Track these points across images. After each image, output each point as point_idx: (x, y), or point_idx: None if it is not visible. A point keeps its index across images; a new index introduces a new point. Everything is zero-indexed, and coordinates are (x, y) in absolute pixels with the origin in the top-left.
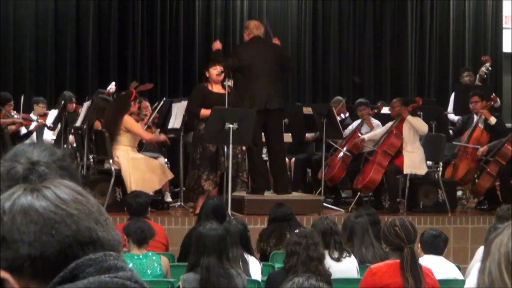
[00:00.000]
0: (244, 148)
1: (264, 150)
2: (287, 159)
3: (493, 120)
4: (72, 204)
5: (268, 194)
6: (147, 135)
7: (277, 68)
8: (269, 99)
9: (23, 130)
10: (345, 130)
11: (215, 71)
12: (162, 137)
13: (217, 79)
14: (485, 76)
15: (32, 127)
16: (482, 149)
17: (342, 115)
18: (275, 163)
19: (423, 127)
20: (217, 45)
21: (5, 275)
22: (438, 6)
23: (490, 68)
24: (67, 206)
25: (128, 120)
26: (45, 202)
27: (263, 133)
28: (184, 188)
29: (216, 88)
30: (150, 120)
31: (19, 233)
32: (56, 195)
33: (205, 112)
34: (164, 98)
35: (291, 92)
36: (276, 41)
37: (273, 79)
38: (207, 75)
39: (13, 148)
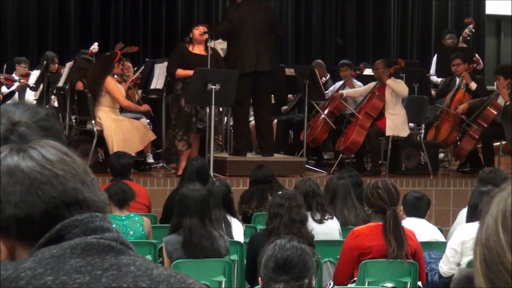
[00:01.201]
0: (221, 109)
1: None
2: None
3: (473, 85)
4: (58, 164)
5: (250, 156)
6: (124, 101)
7: (267, 30)
8: (260, 61)
9: (4, 90)
10: (327, 92)
11: (197, 31)
12: (145, 107)
13: (199, 40)
14: (468, 38)
15: (14, 87)
16: (462, 106)
17: (324, 78)
18: (262, 125)
19: (403, 90)
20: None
21: None
22: None
23: (473, 30)
24: (53, 166)
25: (110, 82)
26: (31, 163)
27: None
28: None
29: (198, 49)
30: (132, 81)
31: (5, 193)
32: (42, 156)
33: (181, 72)
34: (147, 59)
35: (273, 53)
36: None
37: (263, 41)
38: (191, 36)
39: None
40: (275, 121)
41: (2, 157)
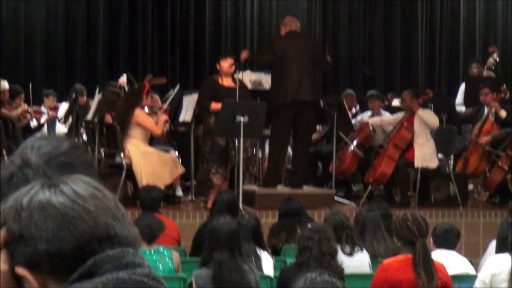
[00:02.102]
0: (253, 141)
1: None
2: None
3: (503, 113)
4: (90, 199)
5: (280, 188)
6: (158, 130)
7: (312, 62)
8: (302, 90)
9: (34, 123)
10: (354, 122)
11: (225, 63)
12: (164, 117)
13: (227, 72)
14: (493, 67)
15: (42, 120)
16: (485, 138)
17: (353, 109)
18: (298, 157)
19: (434, 121)
20: (245, 54)
21: (23, 272)
22: None
23: (497, 59)
24: (85, 201)
25: (139, 114)
26: (63, 198)
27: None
28: (194, 182)
29: (227, 81)
30: (160, 112)
31: (37, 229)
32: (73, 191)
33: (215, 105)
34: (175, 91)
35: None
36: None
37: (307, 72)
38: (218, 68)
39: (26, 140)
40: None
41: (34, 193)
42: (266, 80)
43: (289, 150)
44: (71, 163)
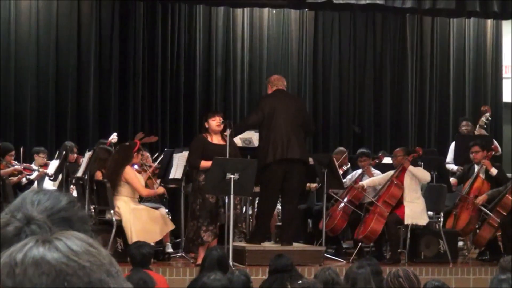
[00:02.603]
0: (242, 198)
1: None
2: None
3: (494, 171)
4: (84, 255)
5: (268, 245)
6: (144, 191)
7: (299, 120)
8: (290, 147)
9: (24, 181)
10: (345, 180)
11: (214, 122)
12: (160, 190)
13: (216, 130)
14: (485, 126)
15: (33, 176)
16: (482, 198)
17: (344, 167)
18: (287, 214)
19: (425, 175)
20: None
21: None
22: (438, 55)
23: (490, 118)
24: (79, 258)
25: (129, 172)
26: (57, 254)
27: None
28: (184, 239)
29: (216, 139)
30: (150, 170)
31: (31, 285)
32: (67, 247)
33: (205, 163)
34: (165, 149)
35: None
36: None
37: (294, 130)
38: (206, 126)
39: (21, 195)
40: None
41: (28, 249)
42: (256, 138)
43: (278, 206)
44: (70, 218)
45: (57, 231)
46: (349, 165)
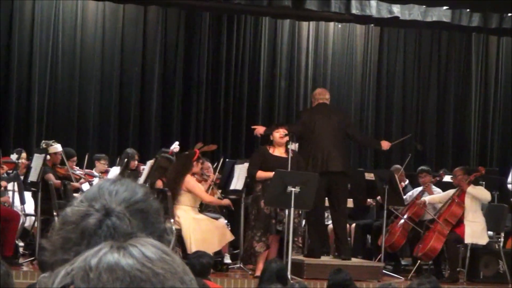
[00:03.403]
0: (300, 212)
1: (326, 214)
2: (347, 225)
3: None
4: (158, 263)
5: (328, 259)
6: (207, 197)
7: (342, 133)
8: (331, 161)
9: (86, 187)
10: (405, 197)
11: (277, 133)
12: (226, 201)
13: (280, 142)
14: None
15: (94, 183)
16: None
17: (403, 183)
18: (337, 228)
19: (486, 196)
20: (261, 130)
21: None
22: (503, 75)
23: None
24: (153, 265)
25: (190, 181)
26: (132, 260)
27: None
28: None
29: (278, 152)
30: (210, 180)
31: None
32: (142, 254)
33: (262, 174)
34: (227, 160)
35: (353, 157)
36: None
37: (336, 143)
38: (271, 138)
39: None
40: (354, 225)
41: (102, 254)
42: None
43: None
44: (146, 210)
45: (135, 223)
46: (407, 182)
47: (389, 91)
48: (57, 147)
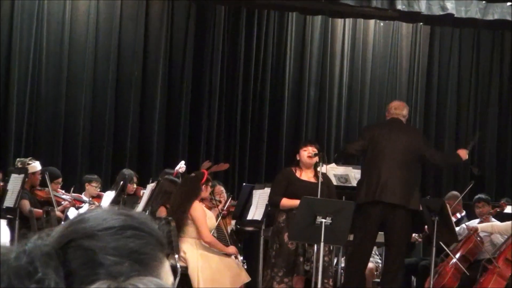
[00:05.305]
0: (331, 248)
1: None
2: None
3: None
4: None
5: None
6: (208, 236)
7: (411, 159)
8: (388, 189)
9: (73, 212)
10: (458, 229)
11: (305, 152)
12: (232, 249)
13: (307, 163)
14: None
15: (83, 210)
16: None
17: (458, 215)
18: (387, 268)
19: None
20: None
21: None
22: None
23: None
24: None
25: (197, 209)
26: None
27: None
28: None
29: (306, 175)
30: (225, 208)
31: None
32: None
33: (287, 202)
34: (244, 184)
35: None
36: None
37: (400, 168)
38: (298, 158)
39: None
40: None
41: None
42: (353, 176)
43: (378, 260)
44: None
45: (134, 274)
46: (463, 213)
47: (440, 102)
48: (36, 166)
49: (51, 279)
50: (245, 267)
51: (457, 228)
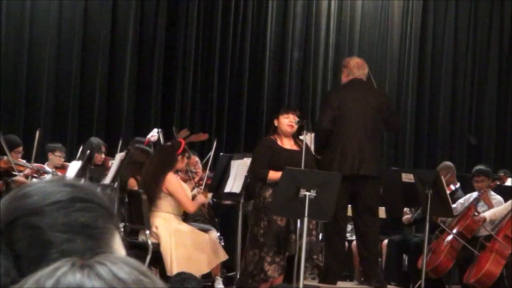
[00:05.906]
0: (319, 222)
1: (349, 227)
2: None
3: None
4: (133, 286)
5: (351, 285)
6: (192, 206)
7: (379, 124)
8: (364, 162)
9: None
10: (455, 206)
11: (286, 119)
12: (202, 198)
13: (287, 131)
14: None
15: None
16: None
17: (452, 186)
18: (366, 246)
19: None
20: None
21: None
22: None
23: None
24: None
25: (172, 181)
26: (99, 283)
27: (349, 205)
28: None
29: (288, 144)
30: (200, 180)
31: None
32: (113, 274)
33: (274, 175)
34: (221, 154)
35: (386, 152)
36: None
37: (372, 137)
38: (276, 124)
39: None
40: (385, 241)
41: (61, 274)
42: None
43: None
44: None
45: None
46: (458, 185)
47: (435, 69)
48: None
49: None
50: (222, 244)
51: (460, 201)
